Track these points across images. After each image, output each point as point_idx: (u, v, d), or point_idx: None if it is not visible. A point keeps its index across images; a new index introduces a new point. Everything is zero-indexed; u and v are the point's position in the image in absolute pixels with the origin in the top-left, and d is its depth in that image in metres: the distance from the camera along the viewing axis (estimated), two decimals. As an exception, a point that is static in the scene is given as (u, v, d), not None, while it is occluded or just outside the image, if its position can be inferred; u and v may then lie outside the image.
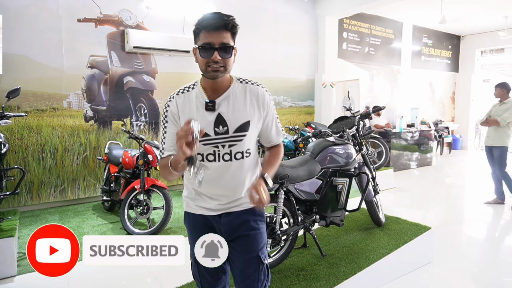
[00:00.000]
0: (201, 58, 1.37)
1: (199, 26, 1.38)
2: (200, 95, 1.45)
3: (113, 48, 5.19)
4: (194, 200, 1.55)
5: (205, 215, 1.53)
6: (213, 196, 1.50)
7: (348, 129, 3.28)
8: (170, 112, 1.46)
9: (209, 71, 1.36)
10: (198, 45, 1.37)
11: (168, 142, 1.46)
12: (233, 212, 1.52)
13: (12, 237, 2.98)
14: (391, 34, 9.50)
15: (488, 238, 3.97)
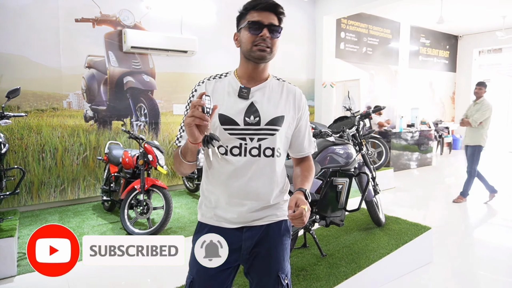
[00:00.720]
0: (249, 34, 1.29)
1: (248, 7, 1.33)
2: (233, 81, 1.35)
3: (110, 48, 5.19)
4: (213, 209, 1.36)
5: (224, 228, 1.34)
6: (234, 202, 1.33)
7: (348, 129, 3.28)
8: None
9: (255, 50, 1.28)
10: (247, 21, 1.30)
11: None
12: (257, 226, 1.35)
13: (12, 237, 2.98)
14: (388, 34, 9.51)
15: (488, 238, 3.97)
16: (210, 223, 1.37)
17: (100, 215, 4.51)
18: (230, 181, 1.31)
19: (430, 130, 8.70)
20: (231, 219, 1.34)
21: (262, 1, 1.30)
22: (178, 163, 1.28)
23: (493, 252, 3.58)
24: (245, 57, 1.34)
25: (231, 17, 6.40)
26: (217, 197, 1.36)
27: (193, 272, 1.37)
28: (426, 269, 3.16)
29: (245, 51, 1.33)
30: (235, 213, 1.33)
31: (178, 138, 1.34)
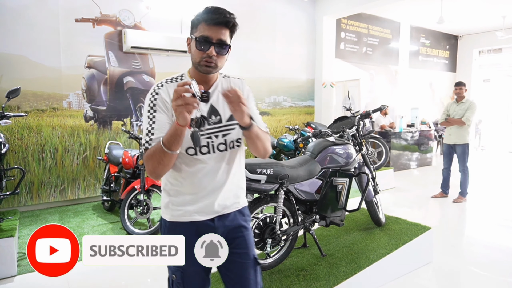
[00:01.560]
0: (196, 50, 1.34)
1: (200, 18, 1.35)
2: None
3: (110, 48, 5.19)
4: (184, 206, 1.42)
5: (196, 222, 1.42)
6: (206, 196, 1.41)
7: (348, 129, 3.28)
8: (161, 99, 1.35)
9: (202, 65, 1.35)
10: (195, 36, 1.34)
11: (159, 132, 1.32)
12: (226, 215, 1.46)
13: (12, 237, 2.98)
14: (388, 34, 9.51)
15: (488, 238, 3.97)
16: (183, 220, 1.42)
17: (100, 215, 4.51)
18: (202, 178, 1.39)
19: (430, 130, 8.70)
20: (203, 212, 1.41)
21: (214, 15, 1.33)
22: (158, 160, 1.28)
23: (493, 252, 3.58)
24: (194, 67, 1.40)
25: (231, 17, 6.19)
26: (187, 196, 1.41)
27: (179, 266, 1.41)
28: (426, 269, 3.16)
29: (194, 63, 1.39)
30: (207, 206, 1.41)
31: (148, 141, 1.33)
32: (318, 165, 2.82)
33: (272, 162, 2.52)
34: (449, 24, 9.88)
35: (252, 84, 6.76)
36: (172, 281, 1.48)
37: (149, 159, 1.30)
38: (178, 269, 1.45)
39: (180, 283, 1.46)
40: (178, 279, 1.46)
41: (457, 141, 5.23)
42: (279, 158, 5.76)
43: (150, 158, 1.30)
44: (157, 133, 1.32)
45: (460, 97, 5.28)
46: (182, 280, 1.45)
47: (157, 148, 1.27)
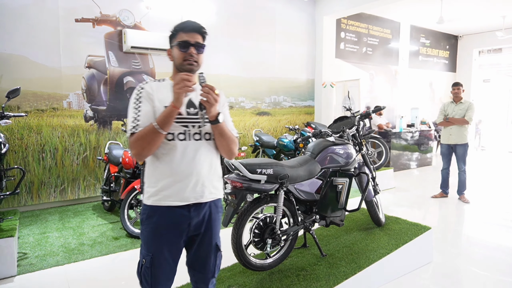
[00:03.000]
0: (179, 53, 1.59)
1: (177, 29, 1.61)
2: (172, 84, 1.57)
3: (110, 48, 5.19)
4: (161, 190, 1.56)
5: (174, 207, 1.56)
6: (181, 181, 1.55)
7: (348, 129, 3.28)
8: (146, 92, 1.57)
9: (185, 64, 1.58)
10: (177, 41, 1.59)
11: (143, 119, 1.52)
12: (202, 205, 1.62)
13: (12, 237, 2.98)
14: (388, 34, 9.51)
15: (488, 237, 3.97)
16: (160, 205, 1.57)
17: (100, 215, 4.51)
18: (179, 163, 1.55)
19: (430, 130, 8.70)
20: (178, 196, 1.56)
21: (188, 24, 1.62)
22: (148, 140, 1.48)
23: (493, 252, 3.58)
24: (178, 70, 1.63)
25: (231, 17, 6.45)
26: (165, 182, 1.56)
27: (152, 250, 1.58)
28: (426, 269, 3.16)
29: (177, 65, 1.62)
30: (182, 191, 1.56)
31: (135, 127, 1.52)
32: (318, 165, 2.82)
33: (272, 162, 2.52)
34: (449, 24, 9.89)
35: (252, 84, 6.77)
36: (141, 265, 1.61)
37: (139, 139, 1.49)
38: (148, 254, 1.58)
39: (149, 268, 1.58)
40: (147, 264, 1.58)
41: (458, 141, 5.23)
42: (279, 158, 5.76)
43: (139, 139, 1.49)
44: (142, 120, 1.52)
45: (457, 97, 5.29)
46: (150, 265, 1.58)
47: (149, 129, 1.47)
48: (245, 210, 2.48)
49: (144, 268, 1.59)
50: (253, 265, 2.51)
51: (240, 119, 6.66)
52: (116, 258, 3.30)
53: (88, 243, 3.62)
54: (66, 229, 4.03)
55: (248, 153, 6.53)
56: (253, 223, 2.51)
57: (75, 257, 3.30)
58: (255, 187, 2.41)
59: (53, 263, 3.18)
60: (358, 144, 3.34)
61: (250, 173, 2.37)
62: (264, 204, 2.56)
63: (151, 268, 1.58)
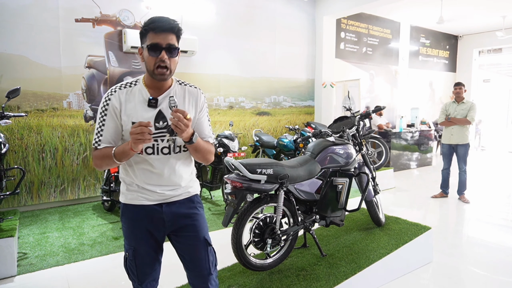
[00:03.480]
0: (149, 57, 1.47)
1: (147, 28, 1.46)
2: (143, 92, 1.54)
3: (110, 48, 5.19)
4: (135, 192, 1.59)
5: (146, 205, 1.59)
6: (153, 189, 1.58)
7: (348, 129, 3.28)
8: (112, 106, 1.51)
9: (157, 74, 1.47)
10: (146, 44, 1.47)
11: (106, 135, 1.52)
12: (173, 202, 1.63)
13: (12, 237, 2.98)
14: (388, 34, 9.51)
15: (488, 238, 3.97)
16: (132, 203, 1.60)
17: (100, 215, 4.51)
18: (149, 174, 1.57)
19: (430, 130, 8.70)
20: (151, 198, 1.59)
21: (159, 23, 1.45)
22: (107, 163, 1.50)
23: (493, 252, 3.58)
24: (149, 75, 1.52)
25: (231, 17, 6.44)
26: (136, 185, 1.59)
27: (132, 244, 1.61)
28: (426, 269, 3.16)
29: (148, 70, 1.51)
30: (153, 195, 1.59)
31: (97, 142, 1.52)
32: (318, 165, 2.82)
33: (272, 162, 2.52)
34: (449, 24, 9.89)
35: (252, 84, 6.77)
36: (126, 259, 1.64)
37: (98, 158, 1.52)
38: (130, 248, 1.62)
39: (132, 260, 1.61)
40: (130, 257, 1.62)
41: (459, 141, 5.22)
42: (279, 158, 5.76)
43: (99, 158, 1.52)
44: (104, 135, 1.52)
45: (459, 97, 5.28)
46: (133, 257, 1.61)
47: (107, 155, 1.48)
48: (245, 210, 2.48)
49: (129, 261, 1.63)
50: (253, 265, 2.51)
51: (240, 119, 6.66)
52: (116, 258, 3.30)
53: (88, 243, 3.62)
54: (66, 229, 4.03)
55: (248, 153, 6.53)
56: (253, 223, 2.51)
57: (75, 257, 3.30)
58: (255, 187, 2.41)
59: (53, 263, 3.18)
60: (358, 144, 3.34)
61: (250, 173, 2.37)
62: (264, 204, 2.56)
63: (135, 260, 1.61)
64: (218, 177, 4.95)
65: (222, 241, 3.69)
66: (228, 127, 6.19)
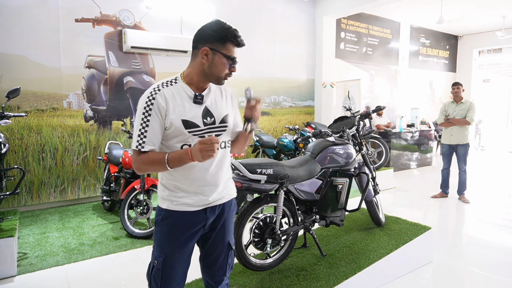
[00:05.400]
0: (226, 66, 1.51)
1: (227, 37, 1.48)
2: (186, 89, 1.53)
3: (110, 48, 5.19)
4: (178, 198, 1.55)
5: (191, 211, 1.55)
6: (199, 190, 1.55)
7: (348, 129, 3.28)
8: (157, 105, 1.45)
9: (223, 79, 1.54)
10: (226, 53, 1.48)
11: (151, 136, 1.45)
12: (216, 206, 1.62)
13: (12, 237, 2.98)
14: (388, 34, 9.51)
15: (488, 238, 3.97)
16: (179, 209, 1.55)
17: (100, 215, 4.51)
18: (195, 173, 1.54)
19: (430, 130, 8.70)
20: (196, 204, 1.55)
21: (240, 39, 1.51)
22: (155, 168, 1.46)
23: (493, 252, 3.58)
24: (206, 75, 1.52)
25: (231, 17, 6.46)
26: (183, 191, 1.54)
27: (165, 251, 1.55)
28: (426, 269, 3.16)
29: (213, 74, 1.51)
30: (200, 199, 1.55)
31: (141, 143, 1.46)
32: (318, 165, 2.82)
33: (272, 162, 2.52)
34: (449, 24, 9.89)
35: (252, 84, 6.77)
36: (152, 267, 1.57)
37: (145, 164, 1.46)
38: (161, 256, 1.55)
39: (160, 269, 1.55)
40: (158, 265, 1.55)
41: (459, 141, 5.22)
42: (279, 158, 5.76)
43: (147, 163, 1.46)
44: (149, 137, 1.45)
45: (458, 97, 5.29)
46: (162, 266, 1.55)
47: (159, 161, 1.44)
48: (245, 210, 2.48)
49: (155, 270, 1.55)
50: (253, 265, 2.51)
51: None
52: (116, 258, 3.30)
53: (88, 243, 3.62)
54: (66, 229, 4.03)
55: (248, 153, 6.53)
56: (253, 223, 2.51)
57: (75, 257, 3.30)
58: (255, 187, 2.41)
59: (53, 263, 3.18)
60: (358, 144, 3.34)
61: (250, 173, 2.37)
62: (264, 204, 2.56)
63: (162, 270, 1.55)
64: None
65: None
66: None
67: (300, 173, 2.67)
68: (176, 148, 1.50)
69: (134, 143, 1.47)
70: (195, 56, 1.53)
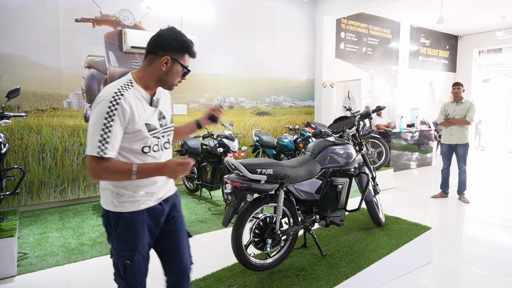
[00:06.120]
0: (178, 74, 1.60)
1: (186, 48, 1.58)
2: (143, 93, 1.57)
3: (110, 48, 5.19)
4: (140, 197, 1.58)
5: (150, 207, 1.62)
6: (157, 186, 1.63)
7: (348, 129, 3.28)
8: (121, 110, 1.44)
9: (173, 86, 1.64)
10: (183, 63, 1.59)
11: (113, 142, 1.43)
12: (168, 198, 1.72)
13: (12, 237, 2.98)
14: (388, 34, 9.51)
15: (488, 238, 3.97)
16: (139, 209, 1.59)
17: (100, 215, 4.51)
18: None
19: (430, 130, 8.70)
20: (154, 199, 1.63)
21: (194, 52, 1.63)
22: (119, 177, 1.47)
23: (493, 252, 3.58)
24: (161, 81, 1.60)
25: (231, 17, 6.43)
26: (143, 190, 1.58)
27: (136, 249, 1.60)
28: (426, 269, 3.16)
29: (168, 81, 1.60)
30: (158, 193, 1.64)
31: (103, 149, 1.41)
32: (318, 165, 2.82)
33: (272, 162, 2.52)
34: (449, 24, 9.88)
35: (252, 84, 6.77)
36: (124, 268, 1.64)
37: (109, 172, 1.44)
38: (132, 254, 1.61)
39: (134, 267, 1.62)
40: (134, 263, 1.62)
41: (459, 141, 5.23)
42: (279, 158, 5.77)
43: (111, 172, 1.44)
44: (111, 143, 1.42)
45: (458, 97, 5.29)
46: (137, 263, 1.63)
47: (126, 171, 1.44)
48: (245, 210, 2.48)
49: (129, 270, 1.62)
50: (253, 265, 2.51)
51: (240, 119, 6.66)
52: (116, 258, 3.30)
53: (88, 243, 3.62)
54: (66, 229, 4.03)
55: (248, 153, 6.53)
56: (253, 223, 2.51)
57: (75, 257, 3.31)
58: (255, 187, 2.41)
59: (53, 263, 3.18)
60: (358, 144, 3.34)
61: (250, 173, 2.37)
62: (264, 204, 2.56)
63: (137, 266, 1.62)
64: (218, 177, 4.95)
65: (222, 241, 3.70)
66: (228, 127, 6.19)
67: (300, 173, 2.67)
68: (135, 150, 1.52)
69: (93, 148, 1.40)
70: (152, 62, 1.55)
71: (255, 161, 2.48)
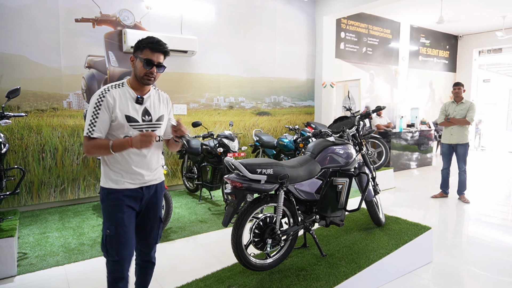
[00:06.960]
0: (142, 68, 1.88)
1: (145, 44, 1.89)
2: (130, 91, 1.94)
3: (110, 48, 5.19)
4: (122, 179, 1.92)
5: (130, 189, 1.94)
6: (137, 172, 1.94)
7: (348, 129, 3.28)
8: (106, 102, 1.85)
9: (145, 79, 1.90)
10: (142, 57, 1.88)
11: (99, 126, 1.84)
12: (150, 186, 2.03)
13: (12, 237, 2.98)
14: (388, 34, 9.51)
15: (488, 237, 3.97)
16: (121, 187, 1.92)
17: (100, 215, 4.51)
18: (134, 158, 1.93)
19: (430, 130, 8.70)
20: (133, 182, 1.95)
21: (156, 45, 1.91)
22: (100, 152, 1.85)
23: (493, 252, 3.58)
24: (136, 78, 1.92)
25: (231, 17, 6.44)
26: (122, 170, 1.92)
27: (114, 220, 1.90)
28: (426, 269, 3.16)
29: (137, 77, 1.92)
30: (137, 179, 1.96)
31: (91, 131, 1.84)
32: (318, 165, 2.82)
33: (272, 162, 2.52)
34: (449, 24, 9.89)
35: (252, 84, 6.77)
36: (105, 236, 1.91)
37: (93, 147, 1.85)
38: (112, 225, 1.90)
39: (113, 236, 1.89)
40: (112, 232, 1.89)
41: (459, 141, 5.23)
42: (279, 158, 5.77)
43: (94, 147, 1.85)
44: (98, 126, 1.84)
45: (458, 97, 5.29)
46: (115, 232, 1.89)
47: (104, 145, 1.83)
48: (245, 210, 2.48)
49: (109, 238, 1.89)
50: (253, 265, 2.51)
51: (240, 119, 6.66)
52: (116, 258, 3.30)
53: (88, 243, 3.62)
54: (66, 229, 4.03)
55: (248, 153, 6.53)
56: (253, 223, 2.51)
57: (75, 257, 3.31)
58: (255, 187, 2.41)
59: (53, 263, 3.18)
60: (358, 144, 3.33)
61: (250, 173, 2.37)
62: (264, 204, 2.56)
63: (115, 236, 1.89)
64: (218, 177, 4.95)
65: (222, 241, 3.70)
66: (228, 127, 6.19)
67: (300, 173, 2.67)
68: (120, 137, 1.88)
69: (85, 131, 1.85)
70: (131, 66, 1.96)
71: (255, 161, 2.48)
